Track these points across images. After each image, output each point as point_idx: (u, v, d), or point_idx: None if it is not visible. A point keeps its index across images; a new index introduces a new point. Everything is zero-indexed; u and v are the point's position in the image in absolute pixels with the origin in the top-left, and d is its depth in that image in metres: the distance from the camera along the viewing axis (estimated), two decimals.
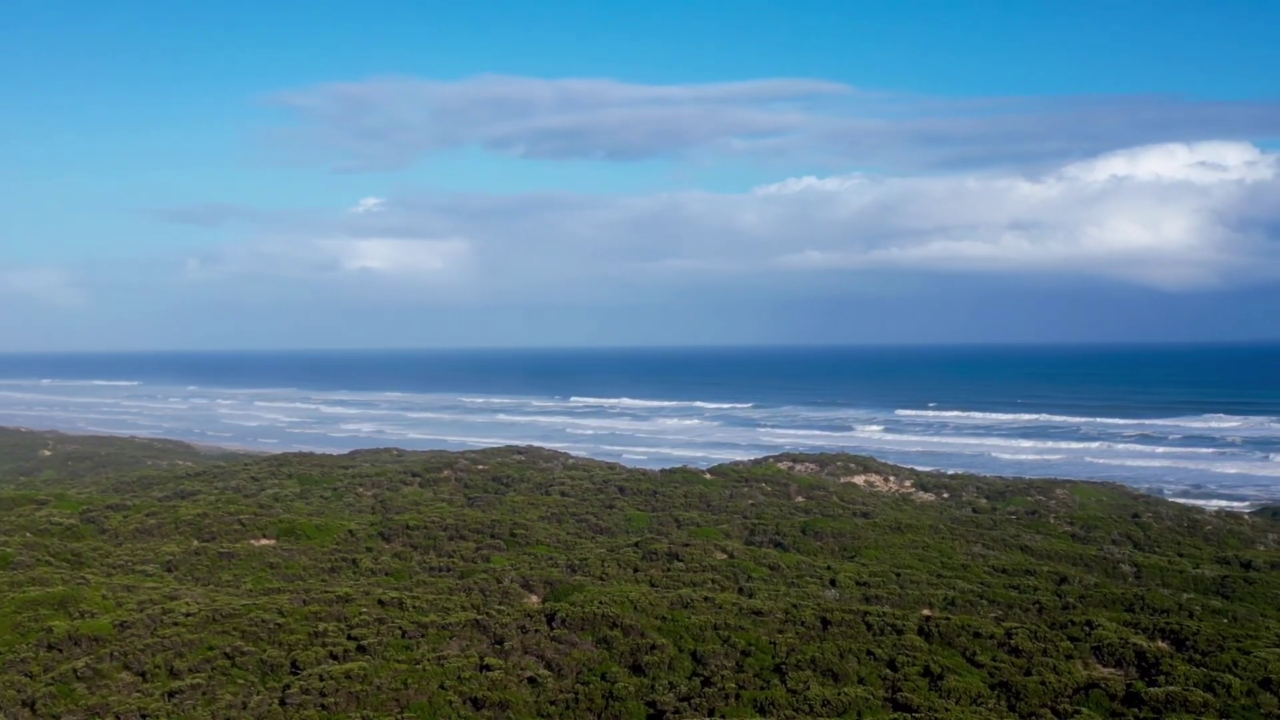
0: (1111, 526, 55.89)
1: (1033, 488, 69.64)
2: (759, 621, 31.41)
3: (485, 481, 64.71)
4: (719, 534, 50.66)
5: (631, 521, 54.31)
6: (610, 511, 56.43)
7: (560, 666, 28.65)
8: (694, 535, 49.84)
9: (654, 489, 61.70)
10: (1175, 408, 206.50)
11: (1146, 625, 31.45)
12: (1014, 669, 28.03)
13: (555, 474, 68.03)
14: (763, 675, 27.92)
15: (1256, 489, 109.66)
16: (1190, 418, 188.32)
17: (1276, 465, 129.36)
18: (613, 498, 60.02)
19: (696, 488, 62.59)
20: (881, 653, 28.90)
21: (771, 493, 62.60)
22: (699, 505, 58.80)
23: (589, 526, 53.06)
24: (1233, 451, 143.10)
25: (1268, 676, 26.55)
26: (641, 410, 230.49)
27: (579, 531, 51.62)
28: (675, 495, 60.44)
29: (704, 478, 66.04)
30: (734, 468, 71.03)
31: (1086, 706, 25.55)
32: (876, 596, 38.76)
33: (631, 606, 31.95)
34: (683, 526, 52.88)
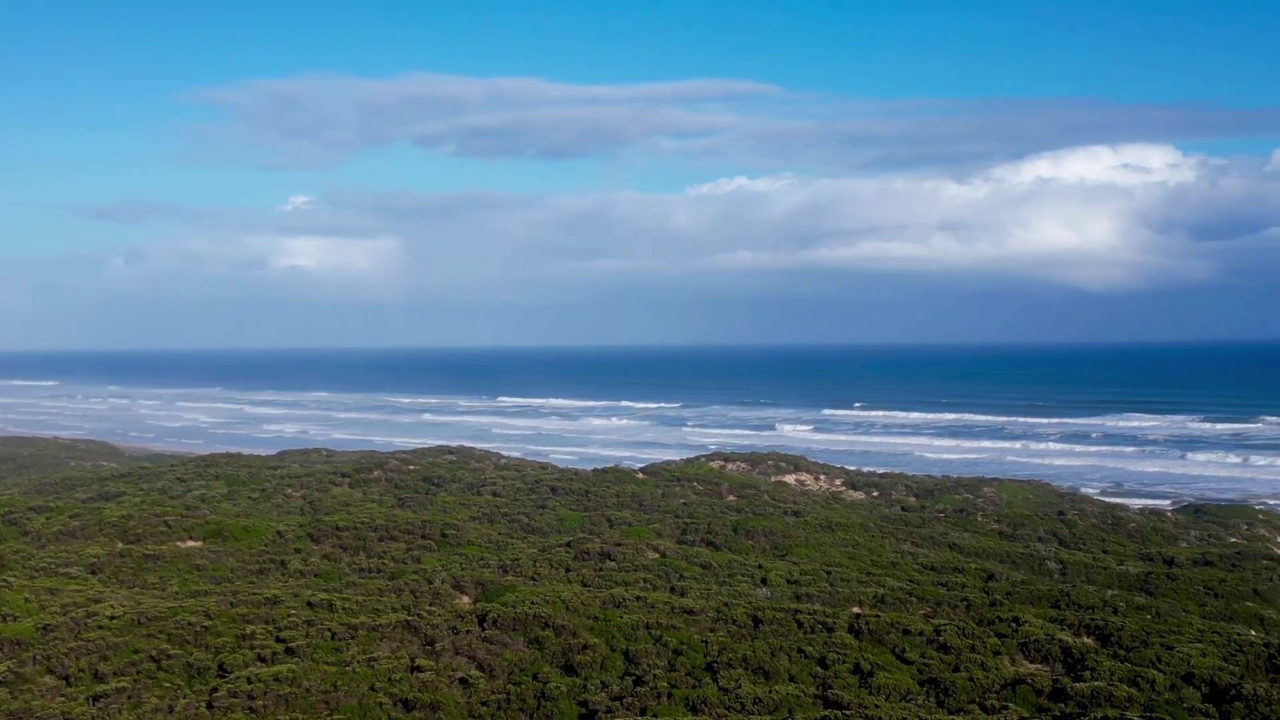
0: (1038, 524, 56.66)
1: (961, 486, 70.45)
2: (691, 620, 31.48)
3: (416, 482, 64.32)
4: (651, 533, 50.72)
5: (564, 521, 54.23)
6: (542, 511, 56.31)
7: (492, 667, 28.54)
8: (626, 535, 49.86)
9: (586, 489, 61.65)
10: (1097, 407, 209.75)
11: (1072, 621, 31.90)
12: (943, 666, 28.32)
13: (487, 474, 67.77)
14: (695, 674, 27.99)
15: (1177, 487, 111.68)
16: (1112, 416, 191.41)
17: (1196, 464, 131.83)
18: (545, 498, 59.90)
19: (629, 487, 62.63)
20: (812, 650, 29.08)
21: (704, 492, 62.79)
22: (631, 505, 58.83)
23: (521, 526, 52.91)
24: (1153, 450, 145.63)
25: (1190, 671, 27.03)
26: (571, 410, 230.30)
27: (511, 531, 51.46)
28: (607, 495, 60.42)
29: (636, 477, 66.10)
30: (666, 467, 71.15)
31: (1013, 702, 25.86)
32: (807, 594, 38.99)
33: (564, 606, 31.90)
34: (615, 526, 52.88)
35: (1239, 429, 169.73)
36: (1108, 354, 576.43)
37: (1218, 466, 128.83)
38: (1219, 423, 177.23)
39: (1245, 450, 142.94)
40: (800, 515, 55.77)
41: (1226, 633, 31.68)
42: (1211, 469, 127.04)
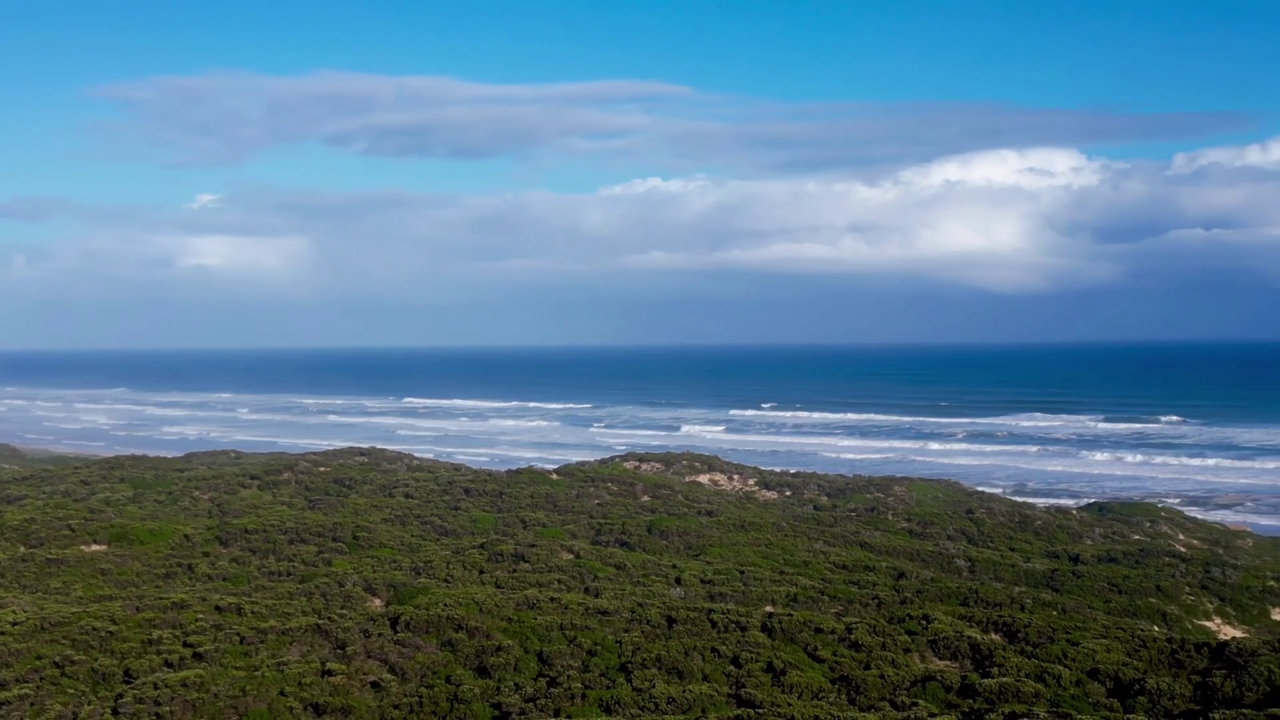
0: (947, 522, 57.41)
1: (872, 485, 71.17)
2: (605, 621, 31.47)
3: (327, 484, 63.62)
4: (565, 534, 50.65)
5: (477, 523, 53.96)
6: (455, 513, 55.98)
7: (404, 670, 28.31)
8: (540, 536, 49.74)
9: (500, 490, 61.40)
10: (1002, 407, 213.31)
11: (980, 618, 32.36)
12: (854, 663, 28.58)
13: (399, 475, 67.23)
14: (608, 674, 27.98)
15: (1081, 485, 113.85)
16: (1017, 416, 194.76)
17: (1098, 463, 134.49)
18: (458, 499, 59.55)
19: (543, 488, 62.47)
20: (726, 650, 29.19)
21: (618, 492, 62.80)
22: (545, 506, 58.69)
23: (434, 528, 52.56)
24: (1057, 449, 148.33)
25: (1095, 667, 27.54)
26: (481, 410, 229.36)
27: (423, 533, 51.09)
28: (521, 496, 60.22)
29: (550, 478, 65.94)
30: (580, 468, 71.07)
31: (923, 699, 26.16)
32: (721, 594, 39.15)
33: (477, 608, 31.74)
34: (529, 527, 52.73)
35: (1139, 428, 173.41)
36: (1013, 355, 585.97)
37: (1120, 465, 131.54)
38: (1120, 422, 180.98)
39: (1146, 449, 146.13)
40: (714, 515, 56.00)
41: (1130, 628, 32.32)
42: (1114, 468, 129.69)
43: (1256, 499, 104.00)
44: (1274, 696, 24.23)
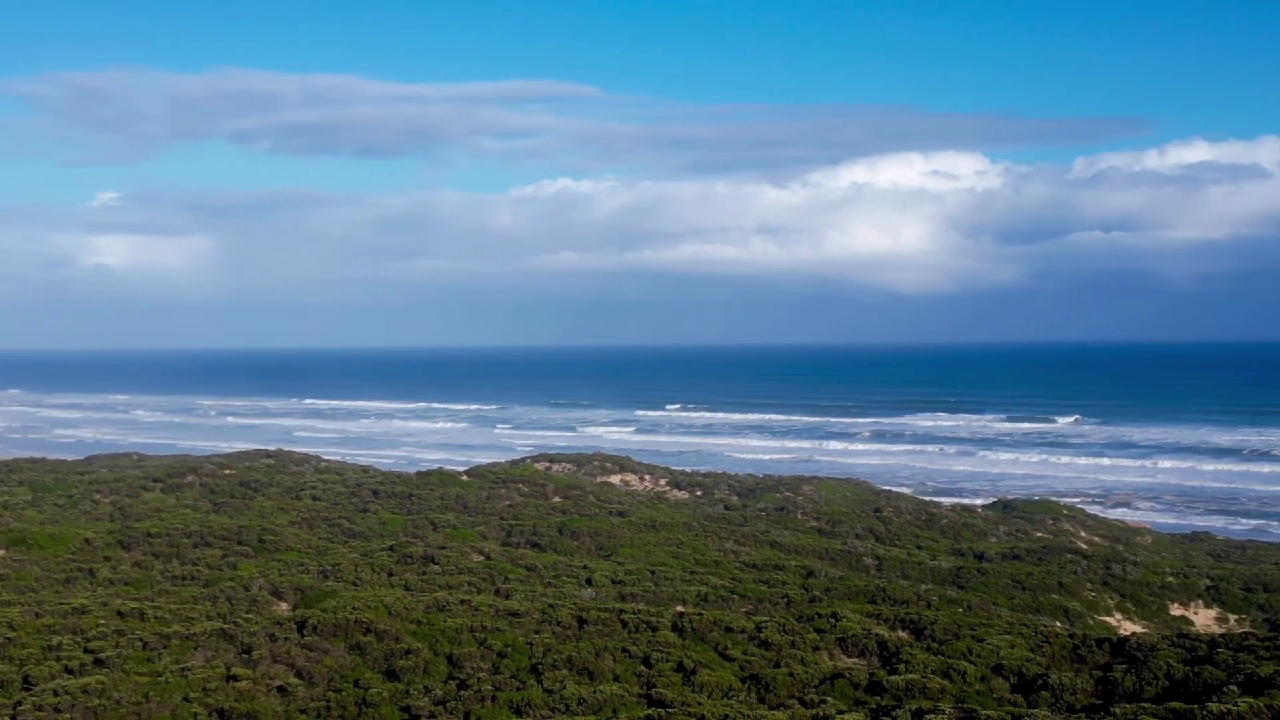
0: (855, 521, 58.00)
1: (782, 485, 71.70)
2: (516, 623, 31.36)
3: (232, 486, 62.65)
4: (475, 536, 50.38)
5: (386, 525, 53.48)
6: (364, 515, 55.44)
7: (311, 674, 27.97)
8: (450, 538, 49.43)
9: (409, 491, 60.91)
10: (908, 406, 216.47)
11: (888, 616, 32.72)
12: (764, 662, 28.75)
13: (306, 477, 66.43)
14: (519, 676, 27.88)
15: (983, 484, 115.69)
16: (922, 416, 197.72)
17: (1000, 462, 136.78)
18: (366, 501, 58.98)
19: (453, 489, 62.09)
20: (637, 650, 29.22)
21: (529, 493, 62.61)
22: (455, 507, 58.34)
23: (342, 531, 51.99)
24: (962, 448, 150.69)
25: (1000, 663, 27.97)
26: (388, 412, 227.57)
27: (331, 536, 50.52)
28: (431, 497, 59.80)
29: (460, 479, 65.57)
30: (491, 469, 70.75)
31: (832, 696, 26.39)
32: (632, 594, 39.20)
33: (385, 611, 31.46)
34: (439, 529, 52.37)
35: (1040, 428, 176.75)
36: (919, 355, 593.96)
37: (1021, 464, 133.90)
38: (1021, 422, 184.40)
39: (1046, 448, 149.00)
40: (625, 515, 56.04)
41: (1033, 624, 32.88)
42: (1015, 466, 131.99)
43: (1154, 496, 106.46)
44: (1173, 690, 24.77)
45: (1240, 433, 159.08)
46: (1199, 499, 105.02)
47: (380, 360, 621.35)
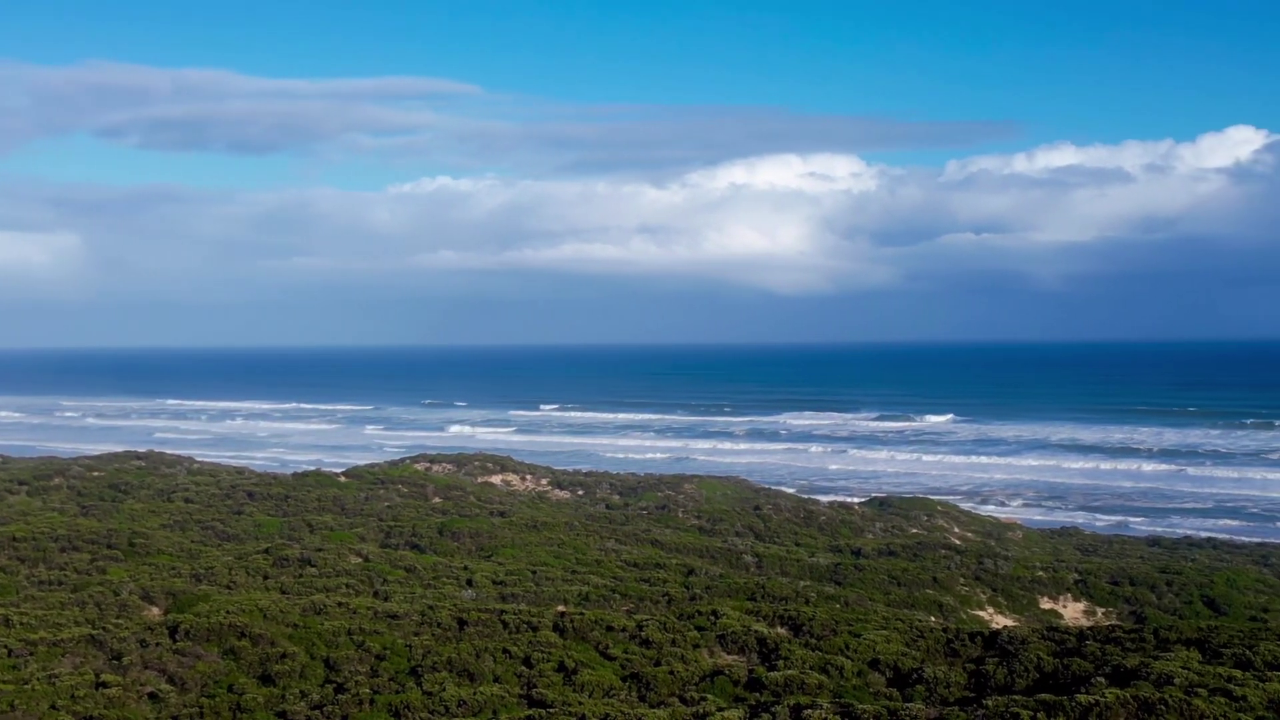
0: (735, 519, 58.46)
1: (663, 483, 71.98)
2: (394, 625, 31.02)
3: (102, 489, 61.03)
4: (354, 537, 49.74)
5: (261, 527, 52.55)
6: (238, 517, 54.40)
7: (184, 680, 27.36)
8: (327, 539, 48.74)
9: (285, 493, 59.93)
10: (786, 405, 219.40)
11: (767, 613, 33.01)
12: (644, 660, 28.81)
13: (179, 479, 64.98)
14: (398, 679, 27.58)
15: (859, 481, 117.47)
16: (799, 414, 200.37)
17: (875, 460, 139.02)
18: (241, 503, 57.89)
19: (330, 491, 61.24)
20: (517, 650, 29.09)
21: (408, 494, 62.01)
22: (333, 509, 57.55)
23: (215, 533, 50.95)
24: (837, 447, 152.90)
25: (876, 657, 28.38)
26: (262, 412, 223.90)
27: (205, 539, 49.49)
28: (308, 499, 58.91)
29: (338, 480, 64.70)
30: (369, 470, 69.94)
31: (712, 693, 26.53)
32: (513, 595, 39.03)
33: (261, 615, 30.89)
34: (316, 531, 51.60)
35: (915, 426, 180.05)
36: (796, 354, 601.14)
37: (895, 462, 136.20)
38: (896, 420, 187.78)
39: (920, 446, 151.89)
40: (506, 516, 55.80)
41: (908, 619, 33.45)
42: (890, 464, 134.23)
43: (1024, 493, 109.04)
44: (1043, 682, 25.36)
45: (1103, 430, 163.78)
46: (1066, 495, 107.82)
47: (254, 360, 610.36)
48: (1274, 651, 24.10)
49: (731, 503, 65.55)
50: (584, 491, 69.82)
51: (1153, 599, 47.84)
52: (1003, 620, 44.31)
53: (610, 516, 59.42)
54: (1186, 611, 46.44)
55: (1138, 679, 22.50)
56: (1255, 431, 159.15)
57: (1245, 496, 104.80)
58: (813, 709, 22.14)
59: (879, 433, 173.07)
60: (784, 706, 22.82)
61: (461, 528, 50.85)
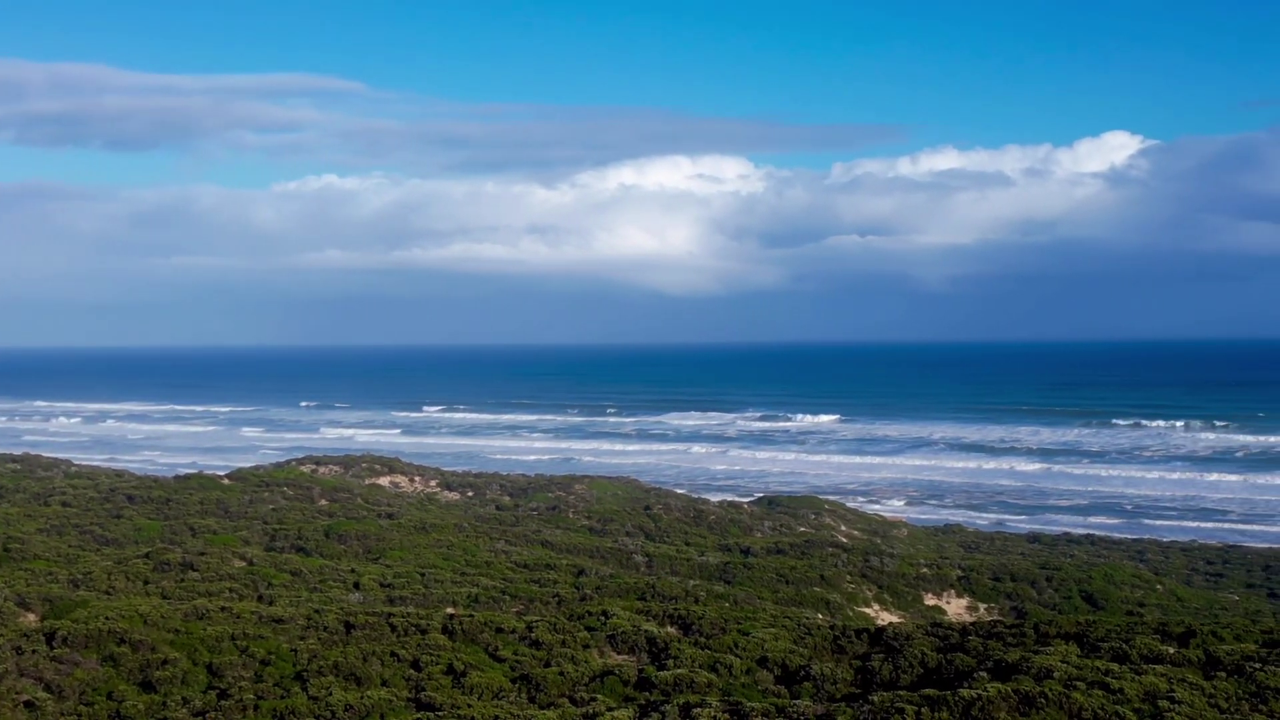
0: (626, 519, 58.57)
1: (554, 484, 71.86)
2: (280, 629, 30.54)
3: None
4: (238, 541, 48.88)
5: (142, 531, 51.40)
6: (118, 521, 53.14)
7: (61, 688, 26.64)
8: (210, 543, 47.83)
9: (167, 496, 58.69)
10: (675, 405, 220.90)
11: (657, 612, 33.12)
12: (534, 661, 28.73)
13: (55, 483, 63.28)
14: (283, 684, 27.16)
15: (748, 481, 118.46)
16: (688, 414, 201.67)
17: (761, 460, 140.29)
18: (120, 506, 56.56)
19: (213, 494, 60.11)
20: (405, 653, 28.82)
21: (294, 496, 61.12)
22: (216, 512, 56.49)
23: (94, 538, 49.71)
24: (724, 446, 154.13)
25: (765, 655, 28.62)
26: (139, 414, 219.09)
27: (83, 543, 48.25)
28: (190, 502, 57.75)
29: (222, 483, 63.53)
30: (254, 472, 68.78)
31: (602, 693, 26.54)
32: (401, 597, 38.66)
33: (141, 620, 30.21)
34: (198, 535, 50.62)
35: (800, 425, 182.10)
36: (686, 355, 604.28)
37: (783, 462, 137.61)
38: (784, 419, 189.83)
39: (807, 445, 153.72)
40: (394, 518, 55.26)
41: (796, 617, 33.79)
42: (776, 465, 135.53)
43: (908, 491, 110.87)
44: (927, 677, 25.78)
45: (983, 429, 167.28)
46: (949, 493, 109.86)
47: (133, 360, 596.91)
48: (1150, 645, 24.79)
49: (622, 503, 65.66)
50: (474, 493, 69.43)
51: (1033, 594, 48.93)
52: (888, 617, 44.98)
53: (500, 518, 59.17)
54: (1065, 606, 47.60)
55: (1019, 673, 22.97)
56: (1127, 431, 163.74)
57: (1119, 494, 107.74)
58: (702, 707, 22.26)
59: (766, 432, 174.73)
60: (674, 705, 22.92)
61: (349, 530, 50.24)
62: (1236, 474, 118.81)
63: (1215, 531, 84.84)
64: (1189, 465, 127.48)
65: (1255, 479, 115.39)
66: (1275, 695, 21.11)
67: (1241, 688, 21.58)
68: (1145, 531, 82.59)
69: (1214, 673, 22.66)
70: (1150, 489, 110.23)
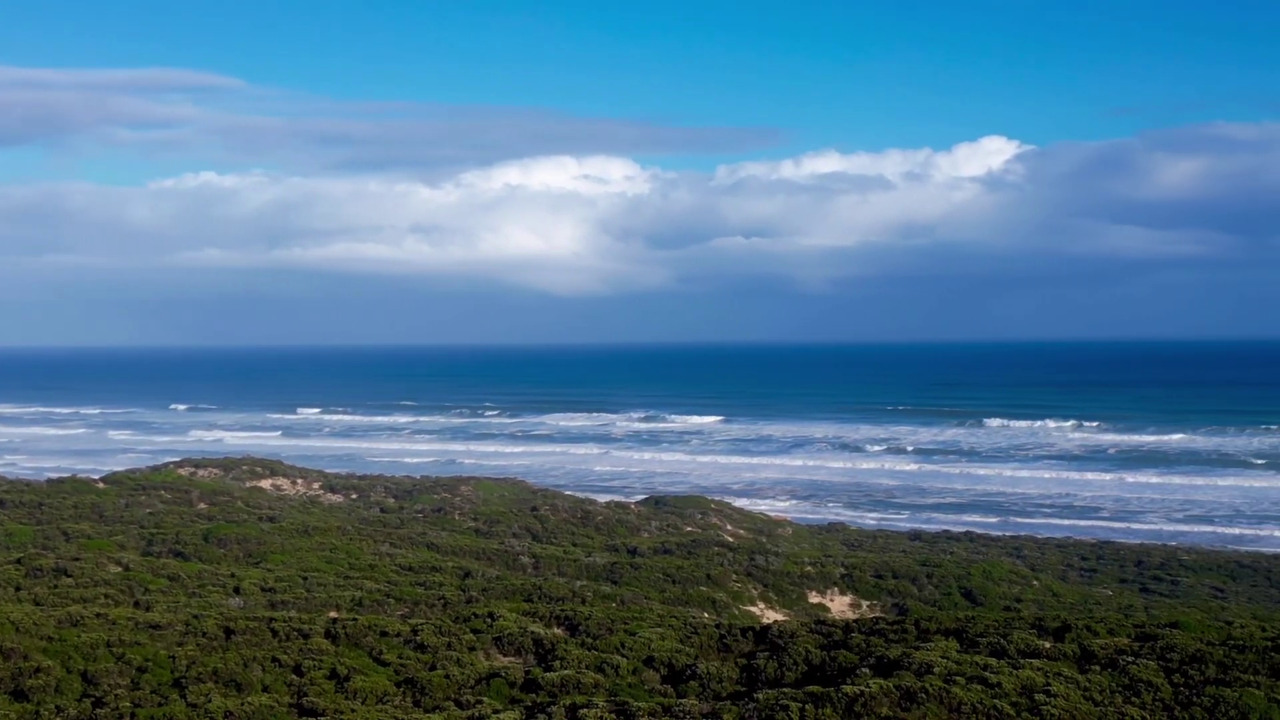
0: (513, 520, 58.37)
1: (439, 486, 71.37)
2: (157, 635, 29.88)
3: None
4: (113, 546, 47.71)
5: (12, 536, 49.93)
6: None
7: None
8: (85, 548, 46.62)
9: (39, 500, 57.09)
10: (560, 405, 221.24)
11: (544, 613, 33.05)
12: (419, 665, 28.49)
13: None
14: (161, 691, 26.58)
15: (633, 481, 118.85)
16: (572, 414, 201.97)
17: (651, 460, 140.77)
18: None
19: (88, 498, 58.60)
20: (287, 659, 28.39)
21: (172, 500, 59.86)
22: (91, 516, 55.08)
23: None
24: (611, 446, 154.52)
25: (651, 655, 28.71)
26: (10, 416, 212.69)
27: None
28: (63, 506, 56.24)
29: (97, 487, 61.98)
30: (130, 475, 67.22)
31: (488, 696, 26.42)
32: (283, 602, 38.07)
33: (12, 628, 29.34)
34: (72, 539, 49.30)
35: (689, 424, 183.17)
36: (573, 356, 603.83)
37: (667, 463, 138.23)
38: (672, 419, 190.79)
39: (695, 445, 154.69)
40: (276, 521, 54.40)
41: (683, 616, 33.97)
42: (665, 464, 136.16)
43: (793, 490, 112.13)
44: (811, 674, 26.08)
45: (865, 429, 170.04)
46: (832, 492, 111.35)
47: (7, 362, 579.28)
48: (1027, 640, 25.37)
49: (509, 504, 65.43)
50: (358, 495, 68.66)
51: (914, 591, 49.79)
52: (773, 615, 45.42)
53: (385, 520, 58.57)
54: (945, 602, 48.52)
55: (900, 669, 23.35)
56: (1002, 430, 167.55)
57: (997, 492, 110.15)
58: (589, 708, 22.28)
59: (651, 433, 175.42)
60: (560, 707, 22.90)
61: (229, 534, 49.34)
62: (1108, 472, 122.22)
63: (1089, 528, 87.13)
64: (1062, 464, 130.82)
65: (1125, 477, 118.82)
66: (1147, 688, 21.75)
67: (1115, 681, 22.20)
68: (1022, 529, 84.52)
69: (1088, 666, 23.27)
70: (1026, 487, 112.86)
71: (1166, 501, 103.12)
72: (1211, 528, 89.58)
